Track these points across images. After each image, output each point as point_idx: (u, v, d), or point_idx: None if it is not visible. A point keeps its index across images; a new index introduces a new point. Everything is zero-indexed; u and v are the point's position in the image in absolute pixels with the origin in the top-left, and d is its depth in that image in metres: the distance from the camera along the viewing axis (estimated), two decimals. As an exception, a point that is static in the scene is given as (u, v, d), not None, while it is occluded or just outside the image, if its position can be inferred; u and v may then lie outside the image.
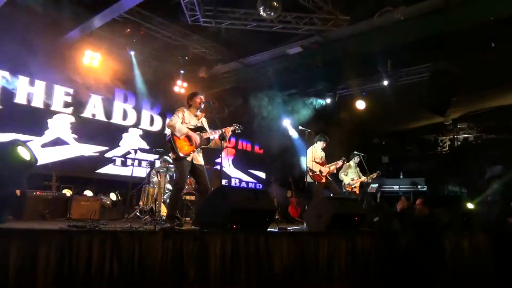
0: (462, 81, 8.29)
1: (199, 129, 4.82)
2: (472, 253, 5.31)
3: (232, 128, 4.99)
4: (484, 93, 9.74)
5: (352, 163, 8.32)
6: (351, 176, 8.23)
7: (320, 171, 7.01)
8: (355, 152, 8.40)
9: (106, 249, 2.60)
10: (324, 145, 7.24)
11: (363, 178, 8.20)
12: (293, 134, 10.72)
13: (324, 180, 7.04)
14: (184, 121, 4.72)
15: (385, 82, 8.92)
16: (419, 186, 8.86)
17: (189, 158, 4.64)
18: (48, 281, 2.36)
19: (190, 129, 4.71)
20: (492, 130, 11.51)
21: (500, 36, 6.80)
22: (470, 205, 6.22)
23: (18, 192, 5.64)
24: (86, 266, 2.50)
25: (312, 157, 7.07)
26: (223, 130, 4.83)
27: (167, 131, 4.74)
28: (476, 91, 9.52)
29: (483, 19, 6.30)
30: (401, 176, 11.24)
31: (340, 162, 7.40)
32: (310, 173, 6.95)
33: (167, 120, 4.74)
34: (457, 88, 8.44)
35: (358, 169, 8.36)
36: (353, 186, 8.15)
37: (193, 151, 4.67)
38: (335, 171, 7.41)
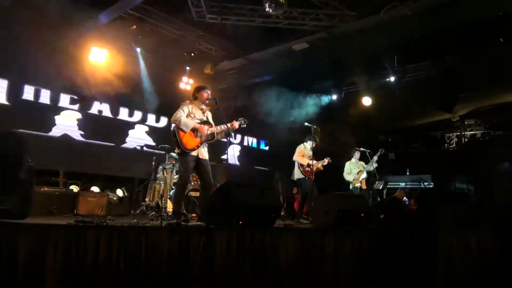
0: (469, 77, 8.22)
1: (204, 123, 4.81)
2: (479, 252, 5.26)
3: (237, 122, 4.96)
4: (492, 89, 9.64)
5: (353, 159, 8.36)
6: (355, 171, 8.24)
7: (309, 165, 7.03)
8: (355, 148, 8.41)
9: (113, 244, 2.62)
10: (314, 145, 7.27)
11: (368, 168, 8.13)
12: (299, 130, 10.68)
13: (313, 177, 7.07)
14: (190, 115, 4.71)
15: (392, 78, 8.87)
16: (425, 183, 8.80)
17: (194, 153, 4.63)
18: (56, 276, 2.38)
19: (196, 123, 4.71)
20: (500, 126, 11.39)
21: (509, 31, 6.72)
22: (477, 202, 6.17)
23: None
24: (94, 261, 2.52)
25: (300, 153, 7.13)
26: (229, 124, 4.82)
27: (172, 126, 4.73)
28: (484, 87, 9.43)
29: (492, 14, 6.23)
30: (407, 173, 11.18)
31: (326, 160, 7.47)
32: (301, 168, 7.00)
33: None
34: (464, 84, 8.37)
35: (362, 163, 8.36)
36: (359, 179, 8.13)
37: (198, 146, 4.66)
38: (322, 168, 7.48)
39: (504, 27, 6.58)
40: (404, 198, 4.86)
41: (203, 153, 4.75)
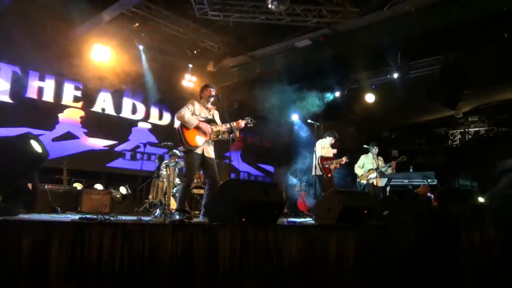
0: (473, 74, 8.16)
1: (209, 122, 4.81)
2: (483, 248, 5.24)
3: (244, 121, 4.95)
4: (496, 85, 9.59)
5: (370, 154, 7.98)
6: (368, 167, 7.95)
7: (330, 163, 7.05)
8: (373, 142, 8.09)
9: (117, 241, 2.62)
10: (333, 141, 7.23)
11: (383, 170, 7.83)
12: (302, 127, 10.69)
13: (331, 175, 7.05)
14: (195, 113, 4.71)
15: (395, 75, 8.83)
16: (429, 180, 8.75)
17: (199, 151, 4.62)
18: (60, 272, 2.39)
19: (201, 121, 4.71)
20: (504, 123, 11.33)
21: (513, 27, 6.68)
22: (481, 199, 6.12)
23: (30, 185, 5.71)
24: (97, 257, 2.53)
25: (321, 149, 7.10)
26: (235, 123, 4.82)
27: (177, 124, 4.74)
28: (488, 84, 9.37)
29: (496, 9, 6.18)
30: (411, 170, 11.15)
31: (344, 159, 7.36)
32: (321, 165, 6.96)
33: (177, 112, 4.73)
34: (468, 81, 8.31)
35: (378, 159, 7.94)
36: (368, 177, 7.93)
37: (202, 144, 4.66)
38: (338, 166, 7.37)
39: (509, 23, 6.52)
40: (429, 193, 4.76)
41: (209, 151, 4.74)
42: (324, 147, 7.17)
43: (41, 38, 7.02)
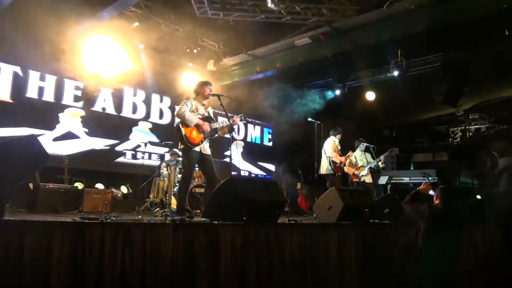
0: (474, 71, 8.15)
1: (206, 119, 4.82)
2: (484, 247, 5.24)
3: (238, 118, 5.00)
4: (497, 83, 9.57)
5: (358, 151, 7.87)
6: (358, 164, 8.00)
7: (341, 162, 7.08)
8: (360, 139, 8.09)
9: (118, 240, 2.63)
10: (340, 137, 7.27)
11: (372, 165, 7.83)
12: (302, 126, 10.67)
13: (340, 174, 7.09)
14: (193, 110, 4.72)
15: (395, 73, 8.81)
16: (430, 178, 8.74)
17: (197, 149, 4.64)
18: (62, 272, 2.40)
19: (200, 119, 4.72)
20: (505, 120, 11.33)
21: (514, 24, 6.66)
22: (480, 197, 6.12)
23: (31, 185, 5.74)
24: (99, 257, 2.54)
25: (332, 149, 7.10)
26: (231, 120, 4.84)
27: (176, 121, 4.74)
28: (488, 81, 9.37)
29: (497, 7, 6.17)
30: (412, 168, 11.15)
31: (350, 154, 7.40)
32: (332, 165, 7.00)
33: (176, 109, 4.74)
34: (469, 78, 8.30)
35: (366, 155, 7.87)
36: (360, 175, 7.88)
37: (202, 141, 4.67)
38: (346, 163, 7.43)
39: (509, 20, 6.51)
40: (431, 191, 4.74)
41: (206, 148, 4.76)
42: (336, 149, 7.17)
43: (41, 37, 7.01)
